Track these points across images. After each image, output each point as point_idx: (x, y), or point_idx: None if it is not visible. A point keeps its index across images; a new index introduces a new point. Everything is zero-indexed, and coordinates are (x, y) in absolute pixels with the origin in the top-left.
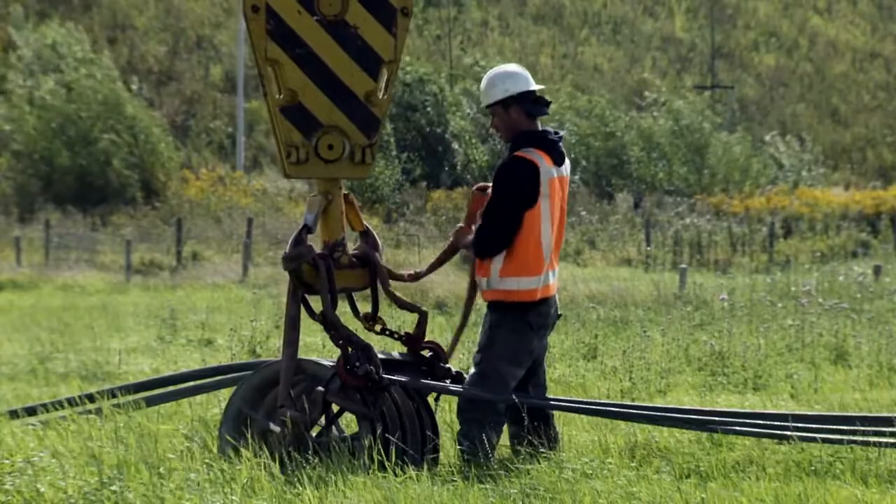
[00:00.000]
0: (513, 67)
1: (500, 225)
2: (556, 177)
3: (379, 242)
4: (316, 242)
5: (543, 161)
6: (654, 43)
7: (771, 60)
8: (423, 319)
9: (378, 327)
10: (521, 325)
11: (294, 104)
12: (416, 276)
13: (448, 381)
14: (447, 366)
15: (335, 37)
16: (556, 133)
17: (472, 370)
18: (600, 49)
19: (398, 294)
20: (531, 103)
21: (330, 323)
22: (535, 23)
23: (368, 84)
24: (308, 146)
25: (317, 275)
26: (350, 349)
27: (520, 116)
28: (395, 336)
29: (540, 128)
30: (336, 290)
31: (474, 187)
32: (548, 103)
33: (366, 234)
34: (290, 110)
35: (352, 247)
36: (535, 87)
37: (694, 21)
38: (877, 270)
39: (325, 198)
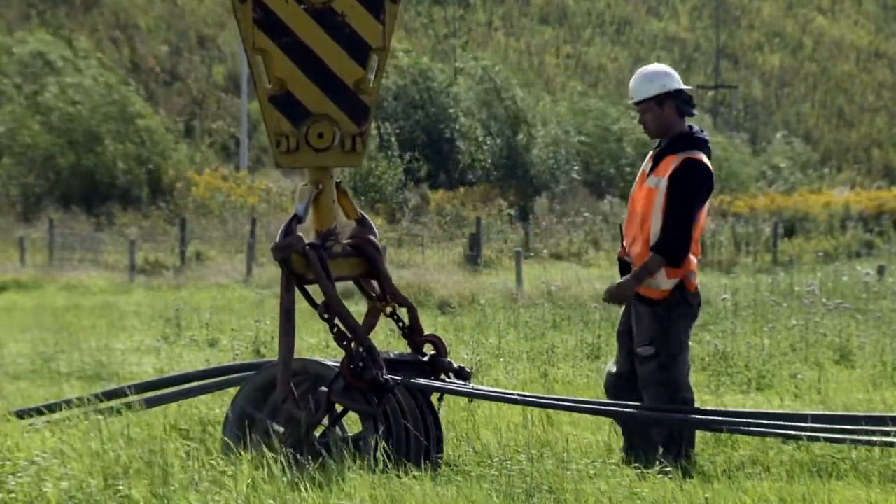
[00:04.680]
0: (666, 67)
1: (690, 226)
2: None
3: (375, 229)
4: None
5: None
6: (659, 43)
7: (775, 60)
8: (413, 314)
9: (388, 309)
10: (685, 309)
11: (282, 93)
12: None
13: (451, 377)
14: (448, 360)
15: (323, 25)
16: (703, 132)
17: (647, 370)
18: (604, 49)
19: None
20: (684, 102)
21: (336, 314)
22: (540, 23)
23: (357, 72)
24: (298, 135)
25: (307, 265)
26: (353, 346)
27: (672, 114)
28: (399, 325)
29: (688, 128)
30: (332, 277)
31: None
32: (695, 105)
33: (361, 222)
34: (279, 99)
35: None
36: (686, 87)
37: (698, 21)
38: (881, 270)
39: (315, 187)
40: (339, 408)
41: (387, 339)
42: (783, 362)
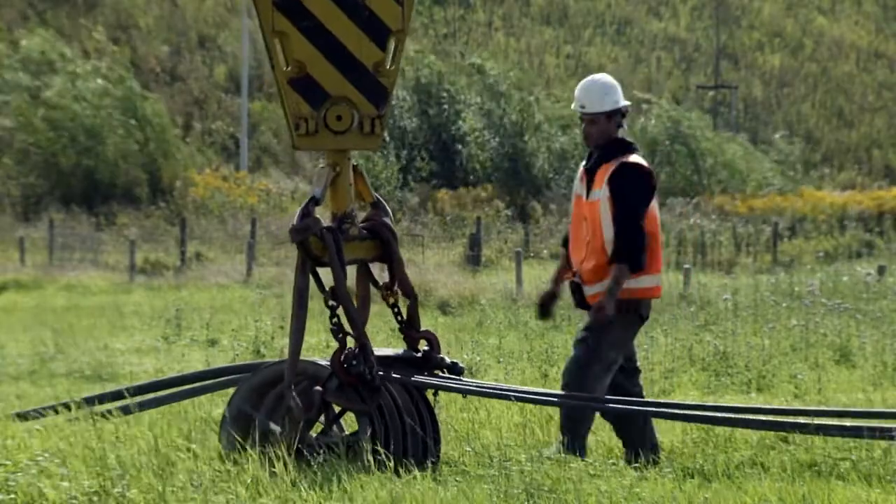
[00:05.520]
0: (614, 80)
1: (639, 226)
2: None
3: (390, 212)
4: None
5: None
6: (659, 43)
7: (776, 60)
8: (413, 306)
9: (392, 300)
10: (635, 318)
11: (302, 76)
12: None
13: (444, 373)
14: (441, 356)
15: (343, 7)
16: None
17: (577, 350)
18: (605, 49)
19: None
20: (622, 117)
21: (341, 303)
22: (540, 23)
23: (377, 54)
24: (316, 117)
25: (324, 248)
26: (347, 339)
27: (615, 128)
28: (398, 318)
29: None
30: (345, 263)
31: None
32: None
33: (376, 205)
34: (299, 82)
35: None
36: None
37: (699, 21)
38: (881, 270)
39: (332, 169)
40: (337, 409)
41: (387, 339)
42: (783, 362)
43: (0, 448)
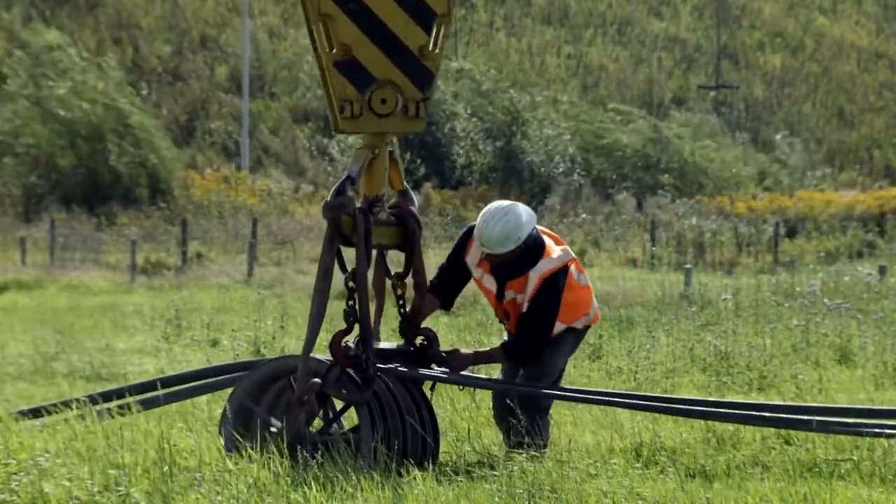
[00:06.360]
0: (514, 211)
1: (549, 330)
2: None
3: (416, 201)
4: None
5: (555, 245)
6: (660, 43)
7: (777, 60)
8: (422, 294)
9: (400, 291)
10: (582, 332)
11: (347, 59)
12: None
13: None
14: (437, 351)
15: None
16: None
17: (527, 369)
18: (606, 49)
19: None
20: (530, 234)
21: (358, 283)
22: (541, 23)
23: (422, 38)
24: (361, 100)
25: (354, 227)
26: (353, 325)
27: (519, 251)
28: (401, 310)
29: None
30: (371, 247)
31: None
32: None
33: (405, 194)
34: (344, 65)
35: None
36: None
37: (700, 21)
38: (882, 271)
39: (370, 151)
40: (338, 407)
41: (388, 339)
42: (784, 363)
43: (2, 447)
